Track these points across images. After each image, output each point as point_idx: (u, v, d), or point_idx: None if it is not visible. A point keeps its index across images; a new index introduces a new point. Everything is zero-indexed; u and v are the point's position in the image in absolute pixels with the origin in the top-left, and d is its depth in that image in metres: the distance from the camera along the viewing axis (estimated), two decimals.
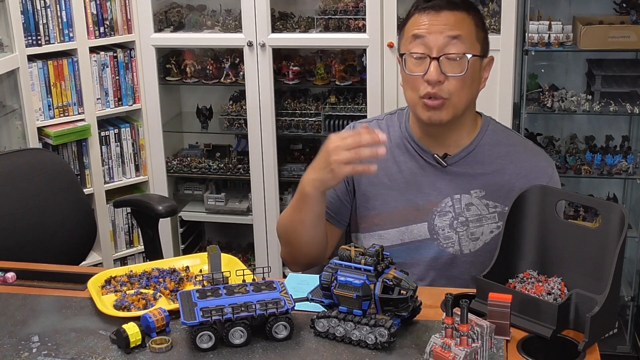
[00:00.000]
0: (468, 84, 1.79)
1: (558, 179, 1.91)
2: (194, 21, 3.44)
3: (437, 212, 1.87)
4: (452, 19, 1.78)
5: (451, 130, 1.86)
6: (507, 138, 1.93)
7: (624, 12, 3.17)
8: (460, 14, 1.80)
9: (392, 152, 1.92)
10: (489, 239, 1.86)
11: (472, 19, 1.81)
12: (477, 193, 1.86)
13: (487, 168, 1.87)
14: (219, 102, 3.60)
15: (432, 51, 1.77)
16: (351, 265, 1.49)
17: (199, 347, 1.47)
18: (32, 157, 2.60)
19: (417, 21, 1.81)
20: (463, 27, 1.78)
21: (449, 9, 1.79)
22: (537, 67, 3.34)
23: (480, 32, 1.83)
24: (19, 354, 1.50)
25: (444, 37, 1.76)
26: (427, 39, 1.77)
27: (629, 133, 3.34)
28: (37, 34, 3.12)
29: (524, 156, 1.89)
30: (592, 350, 1.45)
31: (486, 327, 1.40)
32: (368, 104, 3.19)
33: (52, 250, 2.45)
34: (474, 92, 1.84)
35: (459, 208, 1.86)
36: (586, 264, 1.59)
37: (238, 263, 1.81)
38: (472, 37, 1.80)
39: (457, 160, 1.88)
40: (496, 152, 1.88)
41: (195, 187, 3.66)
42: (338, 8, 3.25)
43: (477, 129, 1.90)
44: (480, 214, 1.86)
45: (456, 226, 1.87)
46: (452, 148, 1.88)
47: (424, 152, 1.89)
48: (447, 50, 1.76)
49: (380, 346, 1.46)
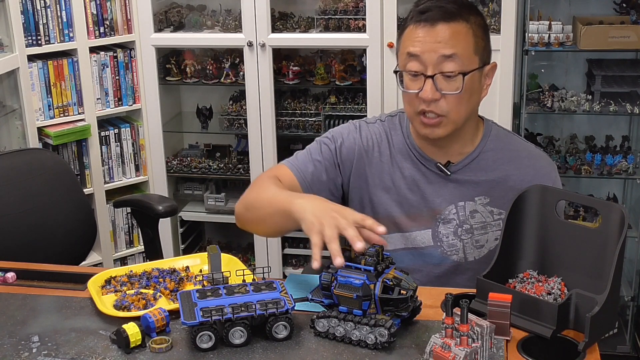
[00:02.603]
0: (466, 99, 1.75)
1: (560, 182, 1.90)
2: (194, 21, 3.44)
3: (441, 219, 1.86)
4: (447, 33, 1.71)
5: (452, 141, 1.84)
6: (510, 143, 1.90)
7: (624, 12, 3.17)
8: (458, 25, 1.73)
9: (395, 157, 1.90)
10: (493, 246, 1.84)
11: (471, 28, 1.74)
12: (481, 200, 1.85)
13: (491, 175, 1.85)
14: (219, 102, 3.60)
15: (426, 69, 1.72)
16: (351, 265, 1.49)
17: (199, 347, 1.47)
18: (32, 157, 2.60)
19: (412, 35, 1.75)
20: (459, 43, 1.72)
21: (444, 21, 1.72)
22: (537, 67, 3.34)
23: (480, 41, 1.76)
24: (19, 354, 1.50)
25: (438, 56, 1.71)
26: (421, 58, 1.72)
27: (629, 133, 3.34)
28: (37, 34, 3.12)
29: (527, 161, 1.87)
30: (592, 350, 1.45)
31: (486, 327, 1.40)
32: (368, 104, 3.19)
33: (52, 250, 2.45)
34: (474, 105, 1.80)
35: (464, 215, 1.85)
36: (586, 264, 1.59)
37: (238, 263, 1.81)
38: (469, 51, 1.73)
39: (460, 167, 1.86)
40: (499, 158, 1.86)
41: (195, 187, 3.66)
42: (338, 8, 3.25)
43: (480, 135, 1.88)
44: (485, 221, 1.85)
45: (460, 234, 1.85)
46: (454, 156, 1.86)
47: (426, 161, 1.87)
48: (441, 68, 1.72)
49: (380, 346, 1.46)
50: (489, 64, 1.81)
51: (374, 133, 1.92)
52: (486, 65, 1.80)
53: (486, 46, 1.79)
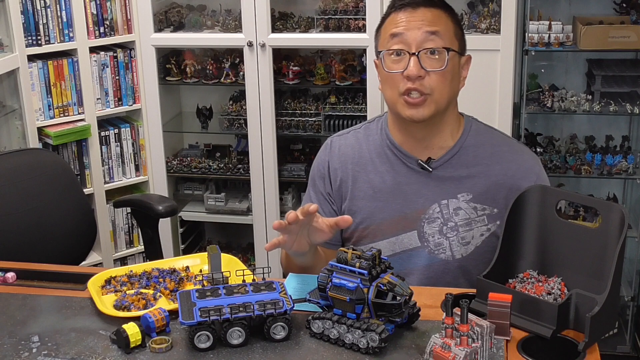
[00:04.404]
0: (449, 79, 1.79)
1: (546, 177, 1.89)
2: (194, 21, 3.44)
3: (426, 219, 1.86)
4: (429, 15, 1.79)
5: (434, 132, 1.85)
6: (491, 138, 1.91)
7: (624, 12, 3.17)
8: (437, 10, 1.81)
9: (373, 162, 1.91)
10: (479, 242, 1.85)
11: (449, 16, 1.82)
12: (464, 197, 1.84)
13: (473, 170, 1.85)
14: (219, 102, 3.60)
15: (411, 47, 1.77)
16: (346, 268, 1.49)
17: (197, 347, 1.47)
18: (32, 157, 2.60)
19: (394, 20, 1.81)
20: (440, 23, 1.79)
21: (425, 6, 1.80)
22: (537, 67, 3.34)
23: (458, 30, 1.84)
24: (19, 354, 1.50)
25: (422, 33, 1.77)
26: (405, 35, 1.77)
27: (629, 133, 3.34)
28: (37, 34, 3.12)
29: (509, 156, 1.87)
30: (592, 350, 1.45)
31: (486, 327, 1.40)
32: (368, 104, 3.19)
33: (52, 250, 2.45)
34: (455, 89, 1.84)
35: (447, 213, 1.85)
36: (586, 264, 1.59)
37: (238, 263, 1.81)
38: (451, 33, 1.80)
39: (441, 163, 1.86)
40: (480, 153, 1.87)
41: (195, 187, 3.66)
42: (338, 8, 3.25)
43: (460, 130, 1.89)
44: (469, 217, 1.84)
45: (446, 232, 1.85)
46: (435, 151, 1.86)
47: (407, 158, 1.88)
48: (426, 45, 1.76)
49: (371, 351, 1.45)
50: (464, 55, 1.86)
51: (347, 145, 1.96)
52: (463, 56, 1.85)
53: (463, 37, 1.86)
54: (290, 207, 3.48)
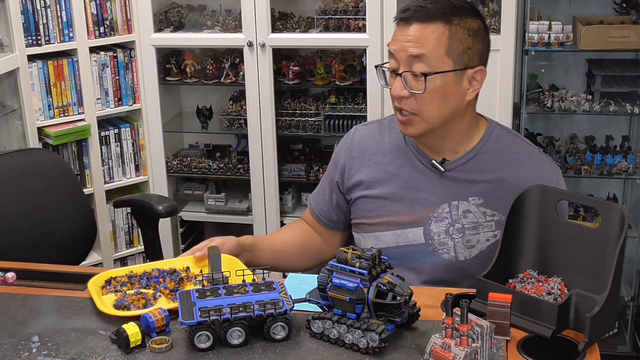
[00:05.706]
0: (438, 100, 1.75)
1: (564, 187, 1.87)
2: (194, 21, 3.44)
3: (434, 217, 1.86)
4: (417, 34, 1.73)
5: (442, 140, 1.84)
6: (512, 145, 1.88)
7: (624, 12, 3.17)
8: (432, 25, 1.72)
9: (392, 154, 1.92)
10: (484, 247, 1.84)
11: (450, 30, 1.72)
12: (475, 200, 1.84)
13: (488, 176, 1.84)
14: (219, 102, 3.60)
15: (398, 67, 1.77)
16: (346, 268, 1.49)
17: (197, 347, 1.47)
18: (32, 157, 2.60)
19: (394, 34, 1.81)
20: (429, 43, 1.72)
21: (419, 21, 1.73)
22: (537, 67, 3.34)
23: (459, 44, 1.73)
24: (19, 354, 1.50)
25: (407, 55, 1.74)
26: (395, 55, 1.78)
27: (629, 133, 3.34)
28: (37, 34, 3.12)
29: (527, 165, 1.84)
30: (592, 350, 1.45)
31: (486, 327, 1.40)
32: (368, 104, 3.19)
33: (52, 250, 2.45)
34: (452, 106, 1.78)
35: (456, 215, 1.85)
36: (586, 264, 1.59)
37: (238, 263, 1.81)
38: (440, 52, 1.72)
39: (456, 166, 1.86)
40: (498, 160, 1.85)
41: (195, 187, 3.66)
42: (338, 8, 3.25)
43: (480, 134, 1.87)
44: (477, 221, 1.84)
45: (452, 232, 1.85)
46: (449, 154, 1.86)
47: (421, 157, 1.88)
48: (410, 67, 1.75)
49: (371, 351, 1.45)
50: (473, 67, 1.77)
51: (368, 136, 1.98)
52: (468, 69, 1.76)
53: (471, 50, 1.75)
54: (290, 207, 3.48)
